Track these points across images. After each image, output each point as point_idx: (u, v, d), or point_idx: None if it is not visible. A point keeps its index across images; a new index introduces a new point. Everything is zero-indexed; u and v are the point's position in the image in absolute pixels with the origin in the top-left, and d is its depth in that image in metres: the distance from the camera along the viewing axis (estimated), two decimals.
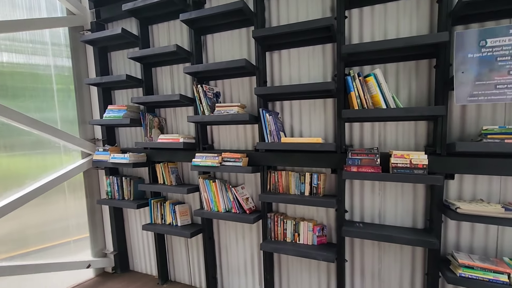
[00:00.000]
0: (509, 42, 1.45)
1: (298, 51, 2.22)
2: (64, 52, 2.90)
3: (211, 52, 2.55)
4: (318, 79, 2.18)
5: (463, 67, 1.53)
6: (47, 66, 2.75)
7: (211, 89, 2.45)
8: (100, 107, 3.02)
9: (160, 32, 2.76)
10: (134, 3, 2.45)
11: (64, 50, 2.90)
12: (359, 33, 2.03)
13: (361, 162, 1.86)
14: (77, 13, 2.91)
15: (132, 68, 2.95)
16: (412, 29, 1.90)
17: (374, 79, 1.79)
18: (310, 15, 2.16)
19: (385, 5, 1.94)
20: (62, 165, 2.84)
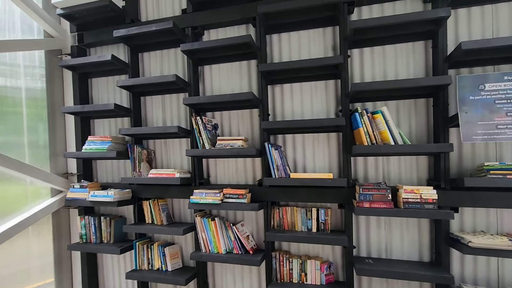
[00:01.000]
0: (504, 87, 1.61)
1: (300, 86, 2.25)
2: (37, 74, 2.61)
3: (208, 83, 2.48)
4: (321, 114, 2.21)
5: (466, 108, 1.65)
6: (17, 89, 2.44)
7: (210, 121, 2.34)
8: (76, 137, 2.71)
9: (151, 60, 2.64)
10: (128, 30, 2.32)
11: (37, 73, 2.61)
12: (360, 71, 2.13)
13: (373, 197, 1.86)
14: (56, 36, 2.67)
15: (117, 96, 2.74)
16: (409, 70, 2.04)
17: (382, 116, 1.86)
18: (312, 53, 2.22)
19: (383, 47, 2.08)
20: (27, 199, 2.44)
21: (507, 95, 1.60)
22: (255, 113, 2.36)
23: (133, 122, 2.54)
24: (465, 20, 1.93)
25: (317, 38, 2.20)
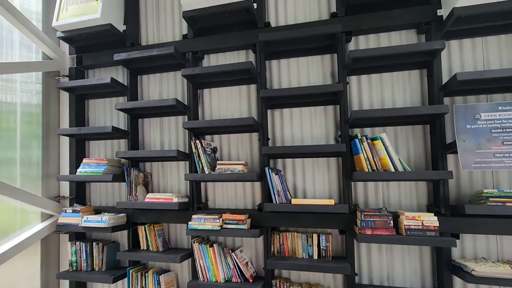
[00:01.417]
0: (499, 116, 1.66)
1: (300, 110, 2.28)
2: (34, 91, 2.57)
3: (207, 106, 2.49)
4: (321, 138, 2.22)
5: (463, 136, 1.69)
6: (12, 104, 2.39)
7: (209, 144, 2.33)
8: (71, 159, 2.65)
9: (150, 83, 2.65)
10: (128, 54, 2.34)
11: (34, 89, 2.57)
12: (358, 98, 2.18)
13: (375, 224, 1.85)
14: (55, 58, 2.67)
15: (114, 117, 2.71)
16: (406, 97, 2.10)
17: (381, 142, 1.88)
18: (311, 79, 2.27)
19: (380, 75, 2.14)
20: (15, 224, 2.33)
21: (503, 124, 1.65)
22: (255, 137, 2.36)
23: (130, 145, 2.50)
24: (457, 51, 2.01)
25: (316, 65, 2.26)
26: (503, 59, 1.93)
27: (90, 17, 2.38)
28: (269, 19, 2.36)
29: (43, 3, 2.71)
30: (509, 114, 1.65)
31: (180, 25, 2.57)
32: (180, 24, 2.58)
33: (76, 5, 2.46)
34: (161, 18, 2.64)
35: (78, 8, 2.45)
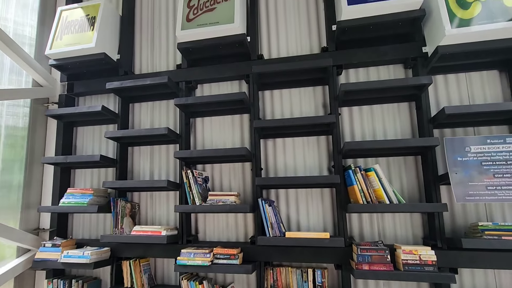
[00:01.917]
0: (488, 149, 1.70)
1: (293, 140, 2.28)
2: (20, 113, 2.50)
3: (200, 135, 2.47)
4: (314, 169, 2.21)
5: (455, 169, 1.71)
6: None
7: (200, 174, 2.28)
8: (54, 189, 2.53)
9: (142, 111, 2.62)
10: (121, 83, 2.33)
11: (21, 112, 2.50)
12: (350, 128, 2.21)
13: (372, 258, 1.79)
14: (45, 85, 2.63)
15: (102, 145, 2.65)
16: (396, 128, 2.13)
17: (375, 174, 1.88)
18: (303, 109, 2.30)
19: (371, 107, 2.19)
20: None
21: (492, 157, 1.68)
22: (247, 166, 2.33)
23: (118, 174, 2.42)
24: (443, 85, 2.10)
25: (308, 96, 2.30)
26: (487, 94, 2.01)
27: (84, 46, 2.39)
28: (262, 52, 2.43)
29: (37, 29, 2.72)
30: (497, 147, 1.69)
31: (174, 55, 2.61)
32: (174, 54, 2.62)
33: (71, 35, 2.48)
34: (155, 48, 2.68)
35: (73, 37, 2.46)
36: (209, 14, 2.22)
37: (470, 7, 1.77)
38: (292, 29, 2.41)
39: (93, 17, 2.48)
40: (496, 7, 1.74)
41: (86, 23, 2.48)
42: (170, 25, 2.69)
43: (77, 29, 2.49)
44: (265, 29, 2.47)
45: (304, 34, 2.38)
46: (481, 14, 1.75)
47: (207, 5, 2.25)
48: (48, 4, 2.86)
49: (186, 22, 2.25)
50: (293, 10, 2.44)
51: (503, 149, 1.68)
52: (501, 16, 1.72)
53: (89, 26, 2.46)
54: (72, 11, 2.57)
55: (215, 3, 2.23)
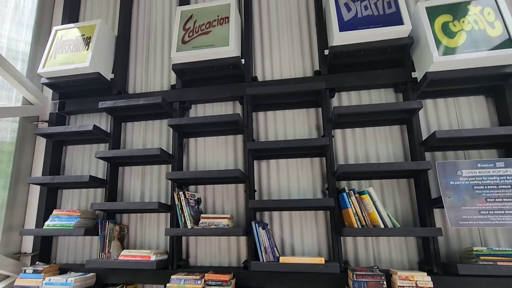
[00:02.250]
0: (479, 174, 1.72)
1: (286, 162, 2.27)
2: (9, 129, 2.44)
3: (192, 155, 2.44)
4: (308, 191, 2.19)
5: (448, 193, 1.72)
6: None
7: (193, 195, 2.23)
8: (39, 210, 2.43)
9: (135, 130, 2.59)
10: (114, 102, 2.31)
11: (9, 127, 2.44)
12: (343, 150, 2.22)
13: (368, 285, 1.74)
14: (36, 103, 2.59)
15: (92, 165, 2.58)
16: (389, 151, 2.15)
17: (369, 197, 1.87)
18: (297, 131, 2.31)
19: (363, 129, 2.22)
20: None
21: (483, 181, 1.70)
22: (241, 188, 2.30)
23: (108, 195, 2.35)
24: (433, 109, 2.15)
25: (302, 117, 2.32)
26: (475, 119, 2.07)
27: (78, 65, 2.38)
28: (256, 74, 2.46)
29: (31, 46, 2.72)
30: (488, 171, 1.71)
31: (169, 76, 2.63)
32: (169, 75, 2.63)
33: (65, 54, 2.47)
34: (150, 68, 2.69)
35: (67, 57, 2.46)
36: (204, 37, 2.26)
37: (455, 36, 1.85)
38: (285, 52, 2.46)
39: (88, 37, 2.49)
40: (480, 37, 1.82)
41: (81, 42, 2.49)
42: (165, 46, 2.72)
43: (72, 48, 2.49)
44: (259, 51, 2.52)
45: (297, 57, 2.43)
46: (466, 43, 1.83)
47: (202, 28, 2.29)
48: (44, 23, 2.87)
49: (182, 44, 2.28)
50: (286, 34, 2.51)
51: (494, 173, 1.70)
52: (484, 45, 1.80)
53: (84, 45, 2.47)
54: (68, 31, 2.58)
55: (211, 26, 2.28)
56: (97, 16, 2.93)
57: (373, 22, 1.98)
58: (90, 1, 3.02)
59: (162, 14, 2.81)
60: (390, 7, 2.00)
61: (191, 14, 2.36)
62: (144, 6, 2.88)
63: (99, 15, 2.93)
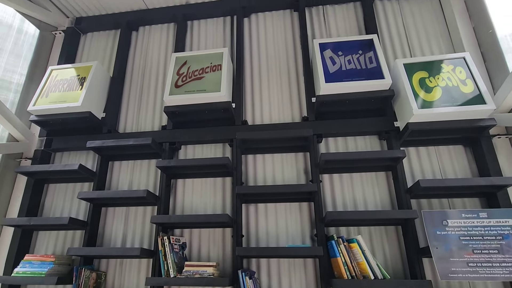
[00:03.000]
0: (464, 224, 1.74)
1: (275, 206, 2.25)
2: None
3: (180, 196, 2.39)
4: (296, 237, 2.15)
5: (436, 243, 1.72)
6: None
7: (178, 240, 2.14)
8: (10, 255, 2.26)
9: (122, 170, 2.55)
10: (103, 142, 2.30)
11: None
12: (331, 195, 2.22)
13: None
14: (21, 140, 2.55)
15: (73, 205, 2.48)
16: (376, 197, 2.17)
17: (358, 245, 1.84)
18: (285, 175, 2.32)
19: (351, 175, 2.25)
20: None
21: (469, 232, 1.72)
22: (228, 232, 2.23)
23: (87, 238, 2.22)
24: (416, 158, 2.23)
25: (290, 161, 2.35)
26: (456, 168, 2.15)
27: (70, 104, 2.40)
28: (246, 118, 2.53)
29: (26, 78, 2.75)
30: (472, 222, 1.74)
31: (160, 117, 2.66)
32: (160, 116, 2.67)
33: (58, 93, 2.50)
34: (142, 108, 2.74)
35: (59, 95, 2.48)
36: (197, 82, 2.35)
37: (432, 91, 2.00)
38: (275, 98, 2.57)
39: (83, 77, 2.55)
40: (454, 92, 1.97)
41: (76, 82, 2.54)
42: (158, 87, 2.80)
43: (65, 87, 2.53)
44: (250, 96, 2.62)
45: (286, 103, 2.54)
46: (442, 98, 1.96)
47: (195, 74, 2.39)
48: (40, 60, 2.94)
49: (175, 88, 2.35)
50: (276, 81, 2.63)
51: (478, 223, 1.73)
52: (458, 100, 1.94)
53: (78, 85, 2.51)
54: (63, 71, 2.64)
55: (204, 72, 2.38)
56: (94, 57, 3.03)
57: (356, 75, 2.12)
58: (88, 43, 3.13)
59: (158, 57, 2.93)
60: (372, 62, 2.17)
61: (186, 60, 2.47)
62: (141, 49, 3.01)
63: (96, 57, 3.03)
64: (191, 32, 3.00)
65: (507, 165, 2.03)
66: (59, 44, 3.06)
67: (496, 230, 1.71)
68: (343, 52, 2.25)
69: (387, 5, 2.74)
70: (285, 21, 2.85)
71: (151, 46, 3.00)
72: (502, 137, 2.07)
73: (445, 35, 2.52)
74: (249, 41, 2.83)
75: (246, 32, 2.87)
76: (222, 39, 2.90)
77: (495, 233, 1.70)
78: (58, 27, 3.09)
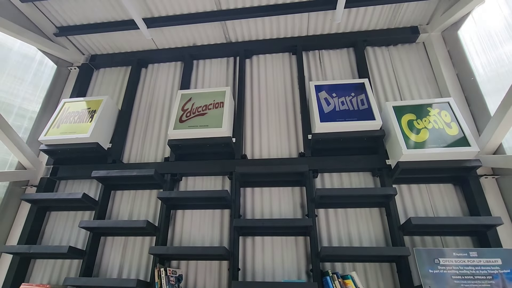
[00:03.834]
0: (456, 263, 1.79)
1: (271, 240, 2.29)
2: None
3: (178, 227, 2.44)
4: (292, 272, 2.16)
5: (428, 282, 1.75)
6: None
7: (174, 272, 2.16)
8: (5, 284, 2.26)
9: (123, 199, 2.62)
10: (108, 172, 2.40)
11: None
12: (327, 229, 2.27)
13: None
14: (29, 168, 2.65)
15: (73, 233, 2.52)
16: (370, 233, 2.22)
17: (352, 282, 1.87)
18: (282, 208, 2.39)
19: (345, 210, 2.32)
20: None
21: (460, 271, 1.76)
22: (225, 265, 2.25)
23: (84, 268, 2.24)
24: (408, 194, 2.31)
25: (287, 195, 2.43)
26: (447, 205, 2.22)
27: (79, 135, 2.54)
28: (246, 152, 2.65)
29: (41, 108, 2.92)
30: (463, 261, 1.78)
31: (164, 149, 2.79)
32: (163, 148, 2.79)
33: (69, 124, 2.65)
34: (146, 140, 2.87)
35: (70, 127, 2.63)
36: (200, 117, 2.51)
37: (420, 133, 2.13)
38: (273, 134, 2.71)
39: (93, 110, 2.72)
40: (440, 134, 2.11)
41: (86, 115, 2.70)
42: (163, 121, 2.95)
43: (76, 119, 2.68)
44: (250, 132, 2.76)
45: (284, 139, 2.67)
46: (430, 139, 2.10)
47: (199, 110, 2.56)
48: (54, 93, 3.13)
49: (179, 123, 2.50)
50: (274, 118, 2.79)
51: (468, 263, 1.77)
52: (445, 142, 2.07)
53: (88, 118, 2.67)
54: (75, 103, 2.81)
55: (207, 109, 2.55)
56: (105, 91, 3.23)
57: (349, 116, 2.28)
58: (100, 78, 3.35)
59: (164, 93, 3.13)
60: (363, 104, 2.33)
61: (190, 97, 2.66)
62: (149, 85, 3.21)
63: (106, 90, 3.23)
64: (197, 70, 3.22)
65: (495, 204, 2.11)
66: (74, 78, 3.28)
67: (486, 270, 1.75)
68: (337, 93, 2.43)
69: (377, 51, 2.98)
70: (284, 63, 3.08)
71: (159, 82, 3.21)
72: (489, 177, 2.17)
73: (431, 80, 2.72)
74: (250, 81, 3.04)
75: (248, 72, 3.09)
76: (225, 78, 3.11)
77: (485, 272, 1.74)
78: (74, 63, 3.33)
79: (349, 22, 2.94)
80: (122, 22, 3.00)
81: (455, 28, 2.64)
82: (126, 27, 2.98)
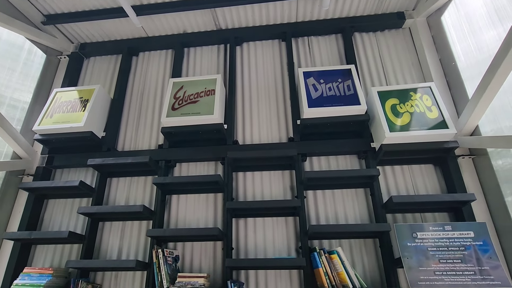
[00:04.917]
0: (432, 236, 1.94)
1: (263, 220, 2.41)
2: None
3: (174, 211, 2.54)
4: (283, 249, 2.30)
5: (407, 254, 1.90)
6: None
7: (171, 252, 2.28)
8: (9, 267, 2.36)
9: (119, 186, 2.71)
10: (103, 160, 2.47)
11: None
12: (315, 210, 2.40)
13: None
14: (24, 157, 2.70)
15: (72, 219, 2.61)
16: (355, 212, 2.36)
17: (338, 256, 2.01)
18: (273, 191, 2.51)
19: (332, 191, 2.45)
20: None
21: (436, 243, 1.91)
22: (219, 245, 2.37)
23: (84, 251, 2.34)
24: (391, 175, 2.44)
25: (277, 179, 2.54)
26: (427, 185, 2.36)
27: (73, 125, 2.58)
28: (237, 138, 2.74)
29: (32, 98, 2.93)
30: (438, 234, 1.93)
31: (157, 136, 2.85)
32: (157, 135, 2.86)
33: (62, 114, 2.68)
34: (140, 128, 2.92)
35: (63, 116, 2.66)
36: (192, 105, 2.57)
37: (402, 116, 2.24)
38: (264, 120, 2.79)
39: (86, 99, 2.75)
40: (421, 118, 2.22)
41: (79, 104, 2.73)
42: (156, 109, 3.00)
43: (69, 109, 2.71)
44: (241, 118, 2.83)
45: (274, 125, 2.76)
46: (411, 122, 2.21)
47: (191, 98, 2.61)
48: (45, 83, 3.13)
49: (172, 111, 2.56)
50: (265, 104, 2.86)
51: (443, 236, 1.93)
52: (426, 125, 2.18)
53: (81, 107, 2.70)
54: (67, 93, 2.83)
55: (198, 97, 2.60)
56: (96, 80, 3.24)
57: (336, 101, 2.37)
58: (91, 67, 3.35)
59: (156, 81, 3.15)
60: (349, 90, 2.42)
61: (182, 85, 2.70)
62: (140, 73, 3.23)
63: (97, 80, 3.24)
64: (188, 58, 3.25)
65: (471, 182, 2.25)
66: (64, 67, 3.27)
67: (459, 242, 1.90)
68: (325, 80, 2.51)
69: (365, 37, 3.05)
70: (273, 50, 3.13)
71: (150, 71, 3.23)
72: (466, 157, 2.31)
73: (416, 65, 2.81)
74: (240, 68, 3.08)
75: (238, 59, 3.13)
76: (216, 65, 3.15)
77: (459, 244, 1.90)
78: (63, 52, 3.31)
79: (337, 8, 2.98)
80: (111, 10, 2.98)
81: (439, 14, 2.71)
82: (115, 15, 2.97)
